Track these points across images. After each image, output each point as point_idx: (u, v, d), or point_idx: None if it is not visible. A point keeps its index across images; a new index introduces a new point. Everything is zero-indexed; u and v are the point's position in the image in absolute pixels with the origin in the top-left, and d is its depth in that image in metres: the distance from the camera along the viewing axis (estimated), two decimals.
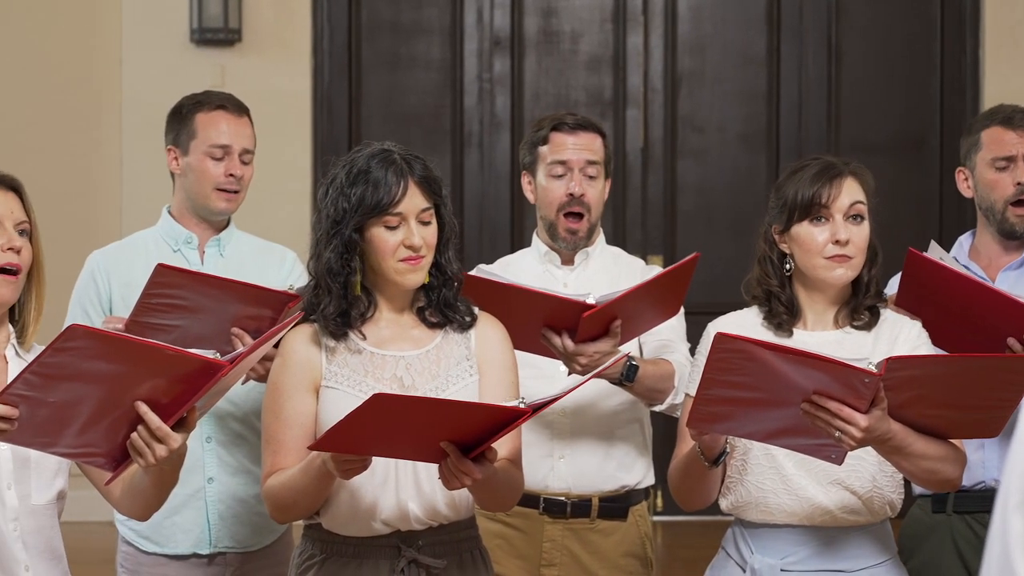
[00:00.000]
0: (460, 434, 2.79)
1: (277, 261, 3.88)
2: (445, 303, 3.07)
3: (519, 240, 7.26)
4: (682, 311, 3.69)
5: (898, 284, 3.51)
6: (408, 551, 3.03)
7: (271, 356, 3.17)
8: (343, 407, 2.86)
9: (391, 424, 2.74)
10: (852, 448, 2.88)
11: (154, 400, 2.69)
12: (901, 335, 3.16)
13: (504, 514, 3.69)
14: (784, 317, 3.16)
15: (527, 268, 3.81)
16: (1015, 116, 3.79)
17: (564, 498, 3.75)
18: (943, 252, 3.50)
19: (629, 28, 7.57)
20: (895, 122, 7.57)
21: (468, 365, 3.07)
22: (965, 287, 3.39)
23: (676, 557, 6.69)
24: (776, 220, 3.17)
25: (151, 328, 3.43)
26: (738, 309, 3.25)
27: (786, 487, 3.09)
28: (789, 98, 7.56)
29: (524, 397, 2.87)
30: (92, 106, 7.50)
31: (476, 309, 3.12)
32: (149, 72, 7.29)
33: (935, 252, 3.47)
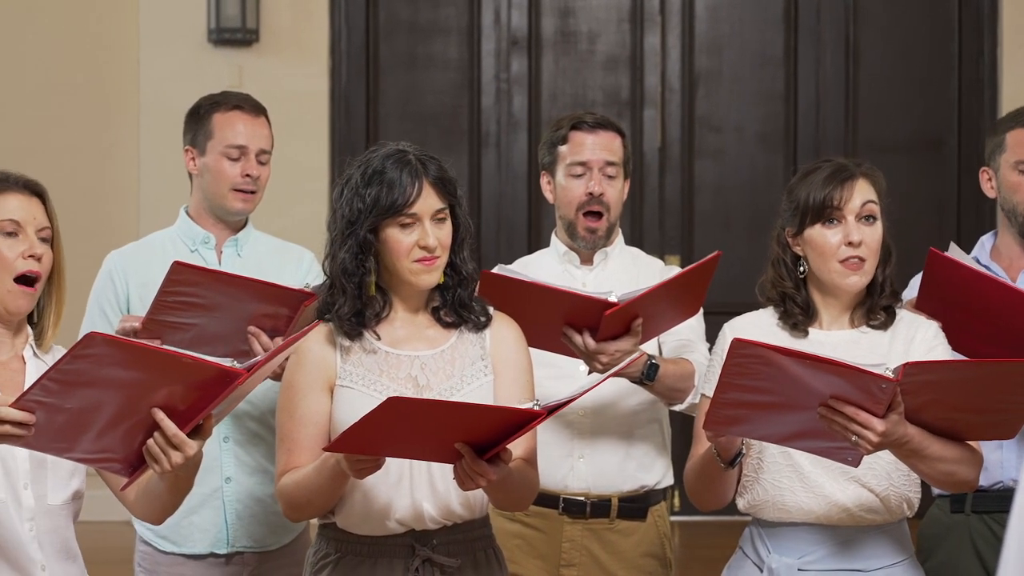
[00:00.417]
0: (475, 436, 2.79)
1: (294, 261, 3.88)
2: (460, 303, 3.07)
3: (536, 240, 7.25)
4: (701, 311, 3.69)
5: (918, 286, 3.51)
6: (422, 550, 3.04)
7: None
8: (358, 406, 2.86)
9: (405, 426, 2.75)
10: (869, 452, 2.88)
11: (171, 407, 2.70)
12: (918, 335, 3.15)
13: (523, 514, 3.69)
14: (800, 318, 3.16)
15: (546, 268, 3.80)
16: None
17: (584, 498, 3.74)
18: (963, 253, 3.49)
19: (646, 28, 7.56)
20: (912, 122, 7.55)
21: (483, 365, 3.07)
22: (987, 287, 3.38)
23: (694, 557, 6.67)
24: (789, 223, 3.17)
25: (168, 326, 3.43)
26: (755, 309, 3.25)
27: (803, 484, 3.08)
28: (806, 98, 7.55)
29: (539, 399, 2.87)
30: (110, 106, 7.51)
31: (491, 309, 3.12)
32: (166, 72, 7.30)
33: (955, 253, 3.46)
